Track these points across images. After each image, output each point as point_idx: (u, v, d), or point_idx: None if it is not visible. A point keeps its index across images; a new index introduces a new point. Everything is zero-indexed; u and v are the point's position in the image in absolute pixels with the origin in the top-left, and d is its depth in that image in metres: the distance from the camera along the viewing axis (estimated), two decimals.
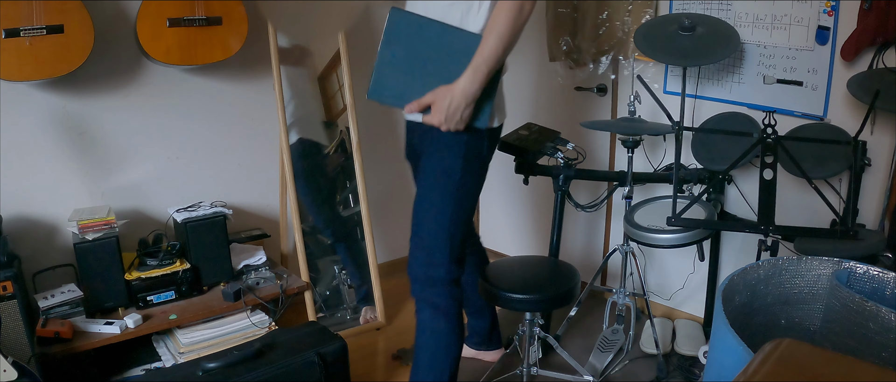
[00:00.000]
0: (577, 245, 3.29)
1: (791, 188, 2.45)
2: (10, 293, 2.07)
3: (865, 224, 2.28)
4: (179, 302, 2.47)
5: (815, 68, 2.37)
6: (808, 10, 2.34)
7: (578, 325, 2.91)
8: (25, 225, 2.44)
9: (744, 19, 2.50)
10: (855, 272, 1.69)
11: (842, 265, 1.71)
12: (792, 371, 0.78)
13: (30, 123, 2.41)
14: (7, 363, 1.85)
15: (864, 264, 1.68)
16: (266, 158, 2.94)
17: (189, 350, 2.33)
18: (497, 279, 2.18)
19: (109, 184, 2.60)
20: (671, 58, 2.39)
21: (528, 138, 2.62)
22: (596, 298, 3.18)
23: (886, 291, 1.65)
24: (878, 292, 1.66)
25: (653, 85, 2.74)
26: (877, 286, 1.66)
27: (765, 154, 1.98)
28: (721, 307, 1.51)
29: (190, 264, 2.50)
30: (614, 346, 2.67)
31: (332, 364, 2.09)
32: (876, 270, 1.67)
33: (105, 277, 2.34)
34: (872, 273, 1.67)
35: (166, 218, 2.67)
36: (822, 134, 2.22)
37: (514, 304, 2.13)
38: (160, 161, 2.70)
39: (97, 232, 2.34)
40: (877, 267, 1.67)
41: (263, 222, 3.01)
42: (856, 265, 1.69)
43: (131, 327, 2.29)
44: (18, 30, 2.11)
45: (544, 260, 2.44)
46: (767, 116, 1.98)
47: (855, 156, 1.97)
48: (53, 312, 2.28)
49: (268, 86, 2.83)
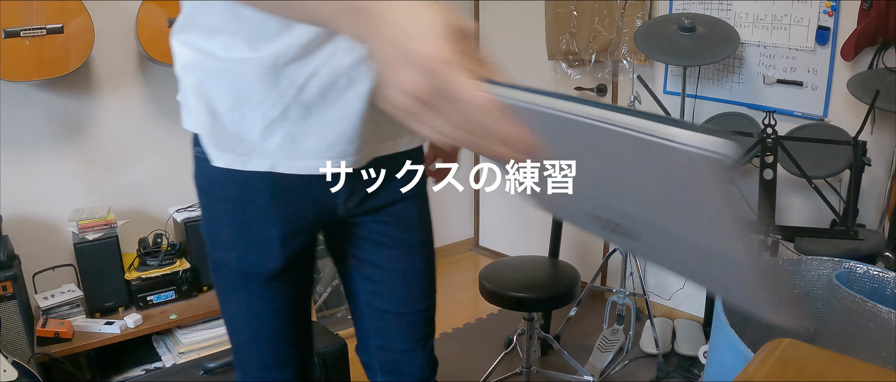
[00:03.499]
0: (577, 245, 3.29)
1: (791, 188, 2.45)
2: (9, 293, 2.07)
3: (865, 224, 2.28)
4: (179, 302, 2.47)
5: (815, 68, 2.37)
6: (808, 10, 2.34)
7: (578, 325, 2.91)
8: (25, 225, 2.44)
9: (744, 19, 2.50)
10: (855, 272, 1.69)
11: (842, 265, 1.71)
12: (792, 371, 0.78)
13: (30, 123, 2.40)
14: (7, 363, 1.85)
15: (864, 264, 1.69)
16: None
17: (189, 350, 2.33)
18: (497, 279, 2.18)
19: (109, 184, 2.60)
20: (671, 58, 2.39)
21: None
22: (596, 298, 3.18)
23: (886, 291, 1.65)
24: (878, 292, 1.66)
25: (652, 85, 2.74)
26: (877, 286, 1.66)
27: (765, 154, 1.98)
28: (721, 307, 1.51)
29: (190, 264, 2.49)
30: (614, 346, 2.67)
31: (332, 364, 2.09)
32: (876, 270, 1.67)
33: (105, 277, 2.34)
34: (872, 273, 1.67)
35: (166, 218, 2.67)
36: (822, 134, 2.22)
37: (514, 304, 2.13)
38: (160, 161, 2.70)
39: (97, 232, 2.34)
40: (877, 267, 1.67)
41: None
42: (856, 265, 1.69)
43: (131, 327, 2.29)
44: (18, 30, 2.12)
45: (544, 260, 2.44)
46: (767, 116, 1.98)
47: (855, 156, 1.97)
48: (53, 312, 2.28)
49: None
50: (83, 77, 2.45)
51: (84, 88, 2.48)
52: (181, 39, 0.98)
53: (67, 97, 2.46)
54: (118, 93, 2.56)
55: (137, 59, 2.57)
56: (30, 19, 2.13)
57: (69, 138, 2.49)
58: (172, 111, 2.67)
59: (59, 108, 2.46)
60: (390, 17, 0.56)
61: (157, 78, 2.61)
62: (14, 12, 2.11)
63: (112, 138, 2.58)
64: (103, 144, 2.57)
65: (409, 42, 0.54)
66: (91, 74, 2.47)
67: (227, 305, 1.13)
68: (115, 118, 2.57)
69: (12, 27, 2.10)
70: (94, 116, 2.53)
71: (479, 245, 3.88)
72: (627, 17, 2.70)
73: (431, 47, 0.54)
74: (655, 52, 2.38)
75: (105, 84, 2.53)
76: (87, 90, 2.49)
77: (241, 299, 1.10)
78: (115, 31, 2.47)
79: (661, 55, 2.40)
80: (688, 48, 2.34)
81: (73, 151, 2.51)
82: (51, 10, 2.15)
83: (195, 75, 0.97)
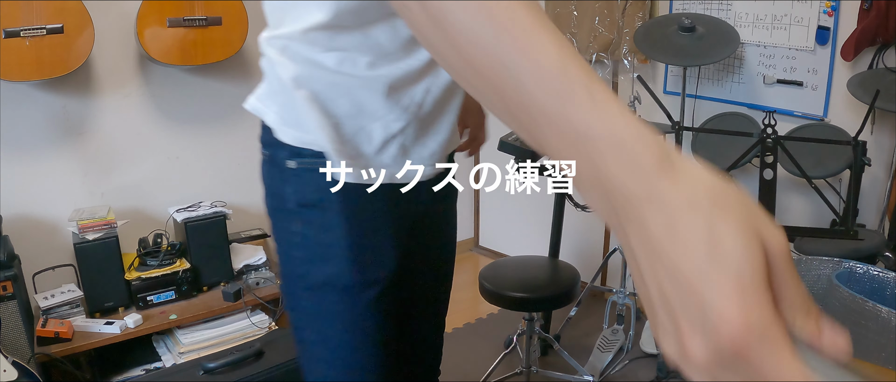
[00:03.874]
0: (577, 245, 3.29)
1: (791, 188, 2.45)
2: (9, 293, 2.07)
3: (865, 224, 2.28)
4: (179, 302, 2.47)
5: (815, 68, 2.37)
6: (808, 10, 2.34)
7: (578, 325, 2.91)
8: (25, 225, 2.43)
9: (744, 19, 2.50)
10: (855, 272, 1.69)
11: (842, 265, 1.71)
12: None
13: (30, 123, 2.40)
14: (7, 363, 1.85)
15: (864, 264, 1.68)
16: None
17: (189, 350, 2.33)
18: (497, 279, 2.18)
19: (109, 184, 2.60)
20: (671, 58, 2.39)
21: None
22: (596, 298, 3.18)
23: (886, 291, 1.65)
24: (878, 292, 1.65)
25: (652, 85, 2.74)
26: (877, 286, 1.66)
27: (765, 154, 1.98)
28: None
29: (190, 264, 2.49)
30: (614, 346, 2.67)
31: None
32: (876, 270, 1.67)
33: (105, 277, 2.34)
34: (872, 273, 1.67)
35: (166, 218, 2.67)
36: (822, 134, 2.22)
37: (514, 304, 2.13)
38: (160, 161, 2.70)
39: (97, 232, 2.34)
40: (877, 267, 1.67)
41: (263, 222, 2.99)
42: (856, 265, 1.69)
43: (131, 327, 2.29)
44: (18, 30, 2.11)
45: (544, 260, 2.44)
46: (767, 116, 1.98)
47: (855, 156, 1.97)
48: (53, 312, 2.28)
49: None
50: (83, 77, 2.45)
51: (84, 88, 2.48)
52: (280, 48, 0.94)
53: (67, 97, 2.46)
54: (118, 93, 2.56)
55: (137, 59, 2.57)
56: (30, 19, 2.13)
57: (69, 138, 2.49)
58: (172, 111, 2.67)
59: (59, 108, 2.46)
60: (656, 223, 0.38)
61: (157, 78, 2.61)
62: (14, 12, 2.11)
63: (112, 138, 2.58)
64: (103, 144, 2.57)
65: (699, 284, 0.36)
66: (91, 74, 2.47)
67: (329, 328, 1.05)
68: (115, 118, 2.57)
69: (12, 27, 2.10)
70: (94, 116, 2.53)
71: (479, 245, 3.88)
72: (628, 16, 2.70)
73: (736, 309, 0.35)
74: (655, 52, 2.38)
75: (105, 84, 2.53)
76: (87, 90, 2.49)
77: (351, 316, 1.04)
78: (115, 31, 2.47)
79: (662, 55, 2.40)
80: (688, 48, 2.34)
81: (73, 151, 2.51)
82: (51, 10, 2.15)
83: (310, 88, 0.93)
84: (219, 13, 2.44)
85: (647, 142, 0.40)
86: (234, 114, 2.82)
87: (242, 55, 2.59)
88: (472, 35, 0.46)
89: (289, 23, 0.92)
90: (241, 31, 2.50)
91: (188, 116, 2.72)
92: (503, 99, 0.46)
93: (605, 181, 0.41)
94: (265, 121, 1.00)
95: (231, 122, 2.82)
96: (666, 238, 0.38)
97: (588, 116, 0.42)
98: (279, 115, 0.98)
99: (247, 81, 2.82)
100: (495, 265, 2.34)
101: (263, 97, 1.01)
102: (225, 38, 2.47)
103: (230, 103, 2.80)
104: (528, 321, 2.27)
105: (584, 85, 0.43)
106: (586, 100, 0.42)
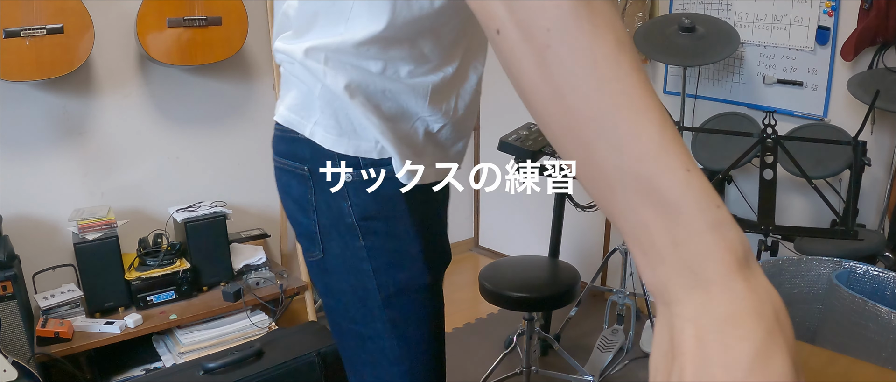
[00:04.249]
0: (577, 245, 3.29)
1: (791, 188, 2.45)
2: (9, 293, 2.07)
3: (865, 224, 2.28)
4: (179, 302, 2.47)
5: (815, 68, 2.37)
6: (808, 10, 2.34)
7: (578, 325, 2.91)
8: (25, 225, 2.44)
9: (744, 19, 2.50)
10: (855, 272, 1.69)
11: (842, 265, 1.71)
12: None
13: (30, 123, 2.40)
14: (7, 363, 1.85)
15: (864, 264, 1.69)
16: (266, 158, 2.93)
17: (189, 350, 2.33)
18: (497, 279, 2.18)
19: (109, 184, 2.60)
20: (671, 58, 2.39)
21: (528, 138, 2.62)
22: (596, 298, 3.18)
23: (886, 291, 1.65)
24: (878, 292, 1.66)
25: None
26: (877, 286, 1.66)
27: (765, 154, 1.98)
28: None
29: (190, 264, 2.49)
30: (614, 346, 2.67)
31: (332, 364, 2.09)
32: (876, 270, 1.67)
33: (105, 277, 2.34)
34: (872, 273, 1.67)
35: (166, 218, 2.67)
36: (822, 134, 2.22)
37: (514, 304, 2.13)
38: (160, 161, 2.70)
39: (97, 232, 2.34)
40: (877, 267, 1.67)
41: (263, 222, 3.01)
42: (856, 265, 1.69)
43: (131, 327, 2.29)
44: (18, 30, 2.12)
45: (544, 260, 2.44)
46: (767, 116, 1.98)
47: (855, 156, 1.97)
48: (53, 312, 2.28)
49: (268, 86, 2.82)
50: (83, 77, 2.45)
51: (84, 88, 2.48)
52: (322, 59, 0.90)
53: (67, 97, 2.46)
54: (118, 93, 2.56)
55: (137, 59, 2.57)
56: (30, 19, 2.13)
57: (69, 138, 2.49)
58: (172, 111, 2.67)
59: (59, 108, 2.46)
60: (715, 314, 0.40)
61: (157, 78, 2.61)
62: (14, 12, 2.11)
63: (112, 138, 2.58)
64: (103, 144, 2.57)
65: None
66: (91, 74, 2.47)
67: (413, 330, 1.05)
68: (115, 118, 2.57)
69: (12, 27, 2.11)
70: (94, 116, 2.53)
71: (479, 245, 3.88)
72: (628, 16, 2.70)
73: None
74: (655, 52, 2.38)
75: (105, 84, 2.53)
76: (87, 90, 2.49)
77: (427, 312, 1.06)
78: (115, 31, 2.47)
79: (661, 55, 2.40)
80: (688, 48, 2.34)
81: (73, 151, 2.51)
82: (51, 10, 2.16)
83: (364, 95, 0.92)
84: (219, 13, 2.44)
85: (732, 237, 0.41)
86: (234, 114, 2.82)
87: (242, 55, 2.59)
88: (574, 79, 0.44)
89: (325, 31, 0.89)
90: (241, 32, 2.50)
91: (188, 116, 2.72)
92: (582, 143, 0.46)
93: (678, 254, 0.41)
94: (303, 133, 0.95)
95: (231, 122, 2.82)
96: (716, 335, 0.39)
97: (681, 189, 0.42)
98: (330, 126, 0.94)
99: (247, 81, 2.82)
100: (495, 265, 2.34)
101: (298, 108, 0.95)
102: (225, 39, 2.47)
103: (230, 103, 2.80)
104: (528, 321, 2.27)
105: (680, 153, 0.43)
106: (682, 172, 0.42)
